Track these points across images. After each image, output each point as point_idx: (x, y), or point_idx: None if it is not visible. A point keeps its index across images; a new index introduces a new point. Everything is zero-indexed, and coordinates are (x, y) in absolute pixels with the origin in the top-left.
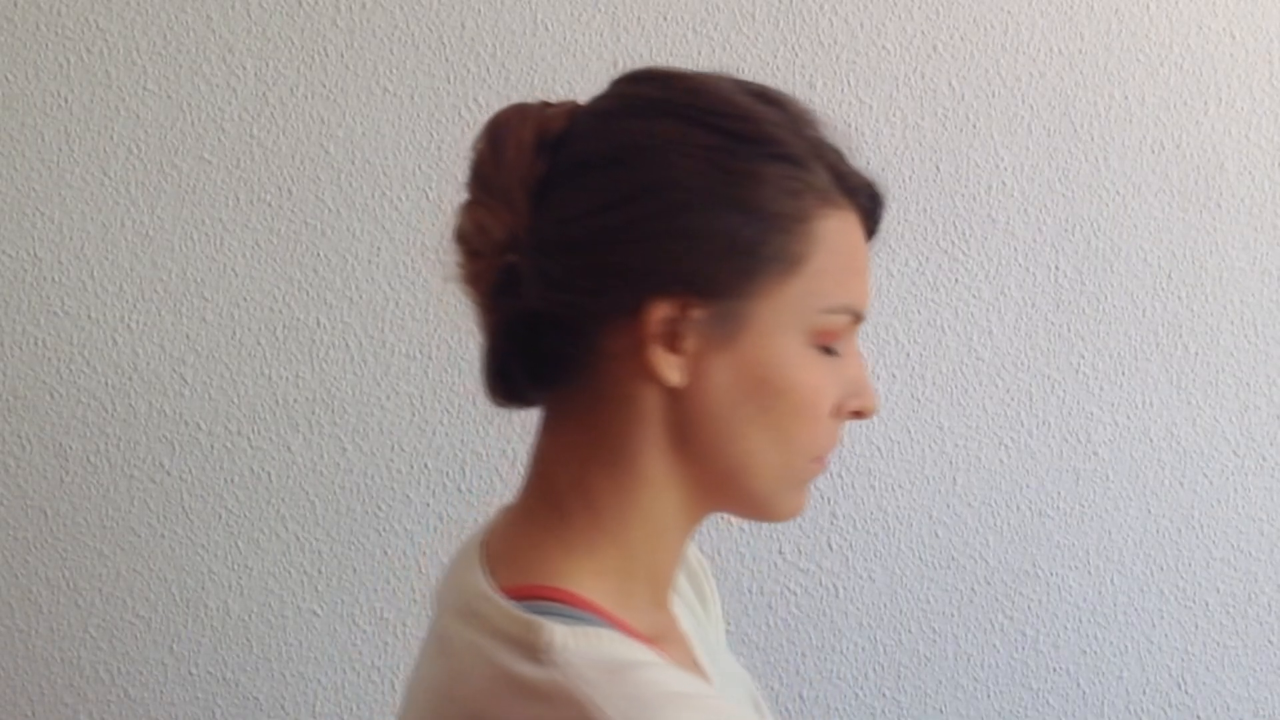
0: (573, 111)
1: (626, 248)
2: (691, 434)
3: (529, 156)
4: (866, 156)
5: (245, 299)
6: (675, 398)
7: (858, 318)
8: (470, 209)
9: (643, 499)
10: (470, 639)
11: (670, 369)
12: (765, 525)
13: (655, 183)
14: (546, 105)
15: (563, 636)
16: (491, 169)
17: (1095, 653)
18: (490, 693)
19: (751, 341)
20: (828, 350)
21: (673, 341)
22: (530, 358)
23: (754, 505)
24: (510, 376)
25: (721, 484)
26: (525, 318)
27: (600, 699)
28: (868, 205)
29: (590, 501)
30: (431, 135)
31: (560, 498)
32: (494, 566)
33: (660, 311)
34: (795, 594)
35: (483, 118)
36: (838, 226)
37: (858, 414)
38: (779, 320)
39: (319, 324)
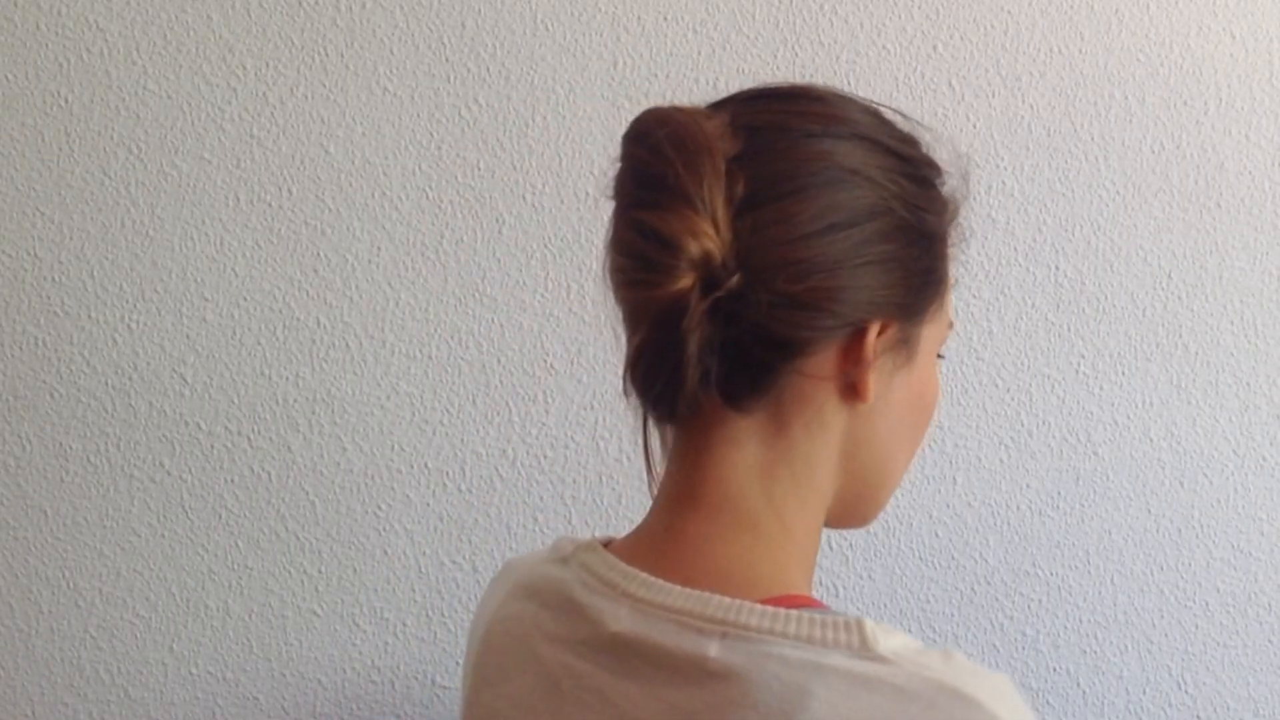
0: (731, 124)
1: (855, 271)
2: (861, 450)
3: (723, 171)
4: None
5: (245, 299)
6: (854, 416)
7: None
8: (667, 221)
9: (819, 512)
10: (768, 651)
11: (872, 390)
12: None
13: (873, 208)
14: (700, 114)
15: (882, 631)
16: (690, 182)
17: (1095, 653)
18: (839, 698)
19: (918, 361)
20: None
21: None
22: (734, 376)
23: (868, 514)
24: (703, 394)
25: (862, 495)
26: (743, 337)
27: (966, 685)
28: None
29: (782, 517)
30: (431, 135)
31: (752, 514)
32: (709, 585)
33: (873, 334)
34: None
35: (483, 118)
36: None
37: None
38: (933, 338)
39: (319, 324)
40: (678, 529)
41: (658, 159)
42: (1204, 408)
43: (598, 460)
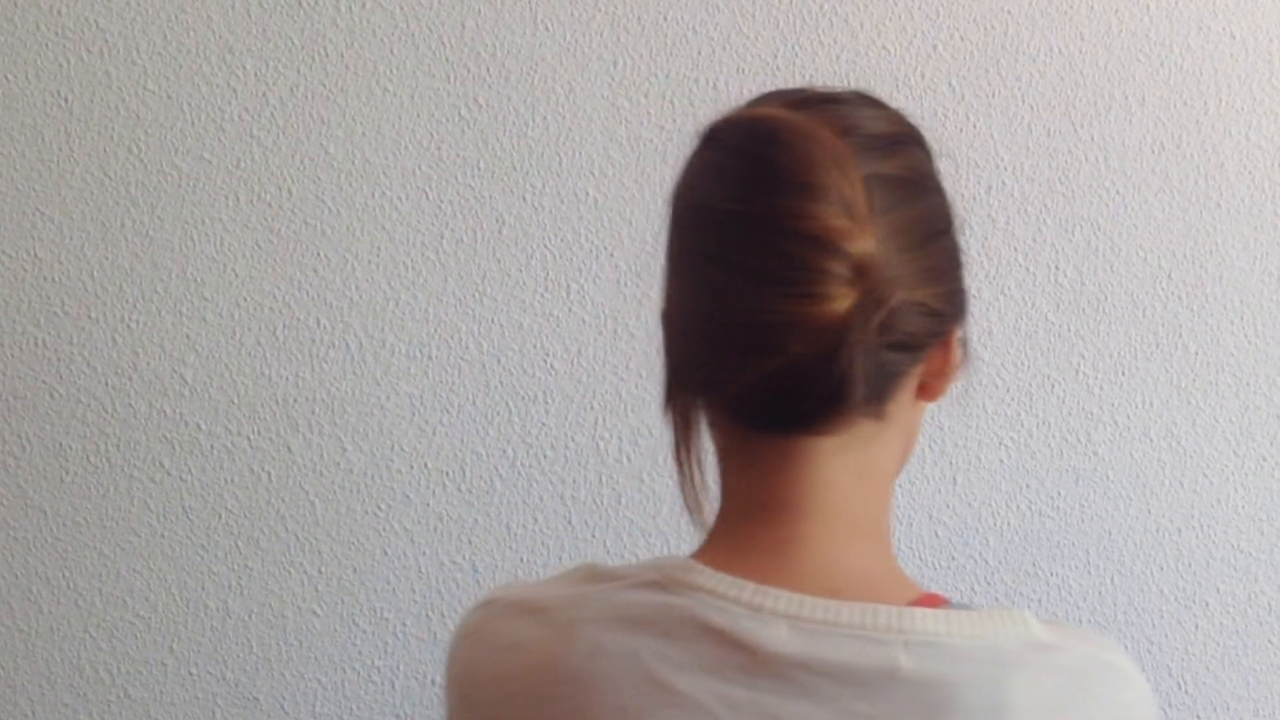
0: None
1: (954, 275)
2: (909, 446)
3: (860, 178)
4: None
5: (245, 299)
6: (916, 413)
7: None
8: (827, 229)
9: (891, 513)
10: (955, 652)
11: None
12: None
13: (949, 213)
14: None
15: (1034, 617)
16: (846, 187)
17: None
18: (1032, 688)
19: None
20: None
21: None
22: (876, 385)
23: None
24: (850, 403)
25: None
26: (887, 344)
27: (1108, 653)
28: None
29: (876, 519)
30: (431, 135)
31: (860, 520)
32: (858, 595)
33: (957, 335)
34: None
35: (483, 118)
36: None
37: None
38: None
39: (319, 324)
40: (799, 541)
41: (803, 163)
42: (1204, 408)
43: (598, 460)
